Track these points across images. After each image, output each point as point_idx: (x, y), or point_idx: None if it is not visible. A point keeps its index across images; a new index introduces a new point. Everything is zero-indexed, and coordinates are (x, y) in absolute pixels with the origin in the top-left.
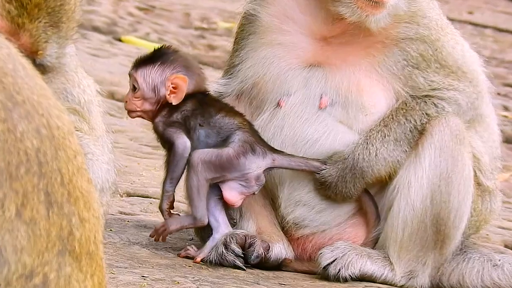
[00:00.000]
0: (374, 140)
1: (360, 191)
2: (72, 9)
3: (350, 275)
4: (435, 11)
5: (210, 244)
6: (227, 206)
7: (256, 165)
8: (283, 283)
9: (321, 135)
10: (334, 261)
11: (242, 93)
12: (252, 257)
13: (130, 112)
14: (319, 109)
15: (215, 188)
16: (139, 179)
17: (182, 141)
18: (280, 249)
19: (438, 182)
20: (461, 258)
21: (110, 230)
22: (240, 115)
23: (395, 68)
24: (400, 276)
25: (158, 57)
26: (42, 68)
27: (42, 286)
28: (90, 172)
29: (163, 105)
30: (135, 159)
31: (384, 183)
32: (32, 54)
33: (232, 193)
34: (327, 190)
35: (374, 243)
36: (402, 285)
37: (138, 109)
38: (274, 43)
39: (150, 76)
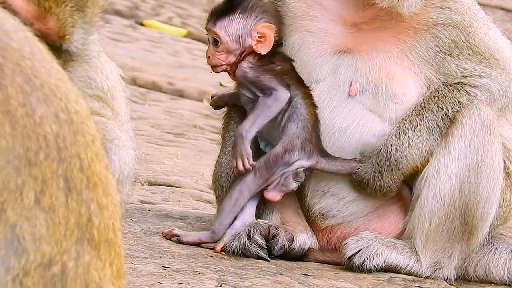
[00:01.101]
0: (407, 130)
1: (399, 184)
2: None
3: (375, 266)
4: None
5: (230, 232)
6: (260, 199)
7: (299, 163)
8: (307, 273)
9: (350, 124)
10: (359, 251)
11: None
12: (276, 248)
13: (214, 67)
14: (349, 96)
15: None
16: (160, 168)
17: (285, 91)
18: (304, 240)
19: (467, 172)
20: (487, 249)
21: (131, 219)
22: (313, 105)
23: (427, 54)
24: (426, 267)
25: (236, 5)
26: (68, 55)
27: (60, 275)
28: (117, 158)
29: (247, 54)
30: (157, 146)
31: (417, 173)
32: (59, 39)
33: (272, 191)
34: (367, 188)
35: (400, 233)
36: (428, 276)
37: (223, 62)
38: (303, 29)
39: (232, 27)
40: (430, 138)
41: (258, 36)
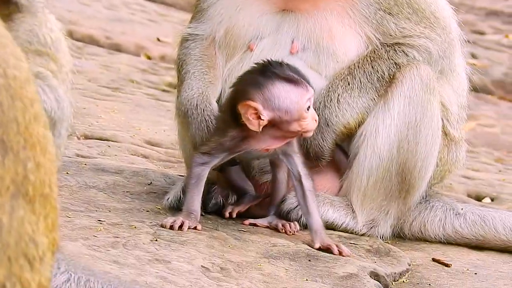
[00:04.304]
0: (336, 87)
1: (331, 146)
2: None
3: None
4: None
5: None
6: None
7: None
8: (243, 229)
9: None
10: (296, 207)
11: (214, 37)
12: (210, 204)
13: None
14: (290, 54)
15: None
16: (97, 122)
17: None
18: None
19: (406, 131)
20: (423, 207)
21: (67, 173)
22: None
23: (367, 11)
24: (362, 224)
25: None
26: (15, 7)
27: None
28: (56, 112)
29: None
30: (94, 100)
31: (353, 132)
32: None
33: None
34: (300, 149)
35: (338, 191)
36: (364, 234)
37: None
38: None
39: None
40: (363, 96)
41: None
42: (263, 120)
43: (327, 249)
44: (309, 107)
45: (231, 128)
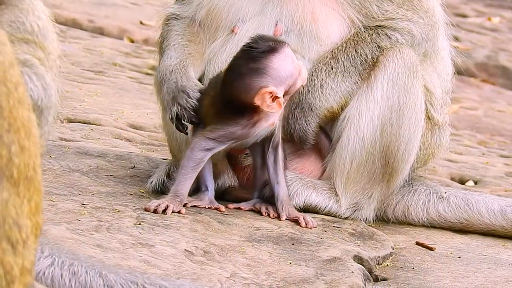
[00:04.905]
0: (320, 72)
1: (315, 129)
2: None
3: (294, 206)
4: None
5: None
6: None
7: None
8: (226, 213)
9: None
10: None
11: (197, 18)
12: (193, 186)
13: None
14: (274, 36)
15: None
16: (80, 105)
17: None
18: (224, 179)
19: (389, 114)
20: (406, 190)
21: (50, 156)
22: None
23: None
24: (345, 208)
25: None
26: None
27: None
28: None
29: None
30: (77, 84)
31: (337, 116)
32: None
33: None
34: (284, 133)
35: (321, 174)
36: (347, 217)
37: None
38: None
39: None
40: (347, 80)
41: None
42: (279, 97)
43: (294, 221)
44: None
45: (239, 117)
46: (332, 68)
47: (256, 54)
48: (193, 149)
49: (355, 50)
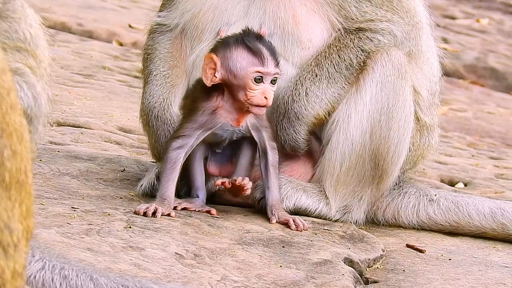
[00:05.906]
0: (304, 80)
1: (305, 137)
2: None
3: (284, 209)
4: None
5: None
6: None
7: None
8: (216, 216)
9: None
10: (263, 198)
11: (183, 25)
12: (184, 189)
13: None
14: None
15: None
16: (70, 109)
17: None
18: (214, 181)
19: (378, 117)
20: (396, 193)
21: (40, 160)
22: None
23: None
24: (335, 210)
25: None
26: None
27: None
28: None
29: None
30: (66, 87)
31: (326, 121)
32: None
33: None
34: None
35: (311, 177)
36: (337, 220)
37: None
38: None
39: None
40: (332, 86)
41: None
42: (216, 77)
43: (284, 224)
44: (259, 79)
45: (201, 101)
46: (317, 76)
47: (240, 38)
48: (166, 151)
49: (339, 56)
